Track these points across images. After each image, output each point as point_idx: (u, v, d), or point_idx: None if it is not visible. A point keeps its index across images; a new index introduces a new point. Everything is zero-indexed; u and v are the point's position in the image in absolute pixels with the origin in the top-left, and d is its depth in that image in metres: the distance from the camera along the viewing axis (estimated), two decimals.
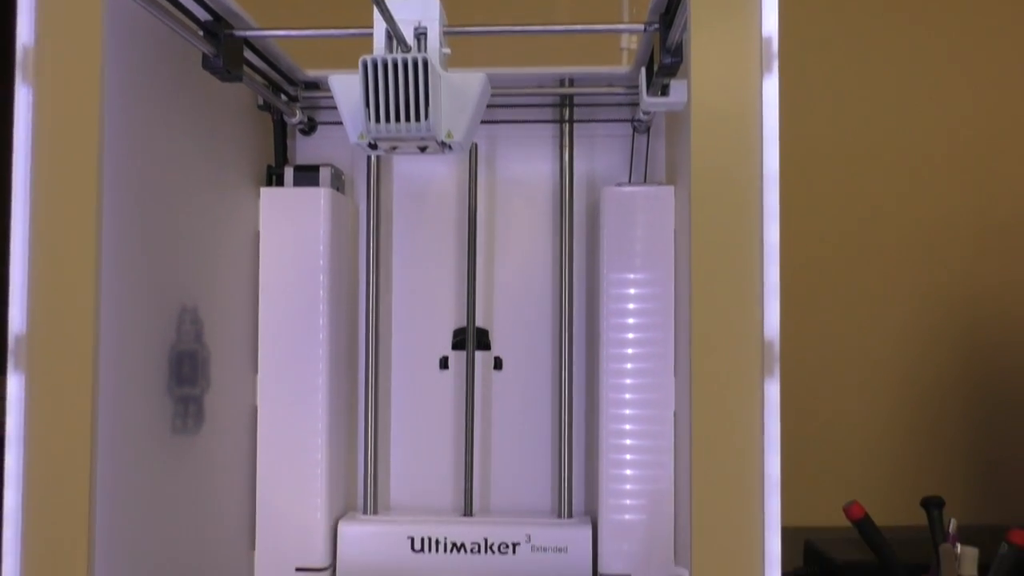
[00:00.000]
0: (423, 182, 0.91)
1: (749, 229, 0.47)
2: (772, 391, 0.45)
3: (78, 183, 0.49)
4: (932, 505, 0.79)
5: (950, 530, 0.77)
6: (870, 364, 1.41)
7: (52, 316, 0.48)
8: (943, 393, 1.42)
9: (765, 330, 0.46)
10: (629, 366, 0.81)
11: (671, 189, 0.81)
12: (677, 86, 0.69)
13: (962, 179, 1.37)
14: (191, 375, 0.68)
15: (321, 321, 0.81)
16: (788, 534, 0.47)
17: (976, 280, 1.40)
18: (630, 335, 0.81)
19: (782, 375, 0.46)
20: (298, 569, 0.81)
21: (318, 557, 0.81)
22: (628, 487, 0.81)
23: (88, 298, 0.48)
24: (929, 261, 1.39)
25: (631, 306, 0.81)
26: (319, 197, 0.82)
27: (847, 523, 0.92)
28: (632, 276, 0.81)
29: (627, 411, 0.81)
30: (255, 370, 0.81)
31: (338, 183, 0.86)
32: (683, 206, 0.78)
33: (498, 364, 0.88)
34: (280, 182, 0.84)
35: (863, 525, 0.79)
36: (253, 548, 0.81)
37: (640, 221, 0.81)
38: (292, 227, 0.82)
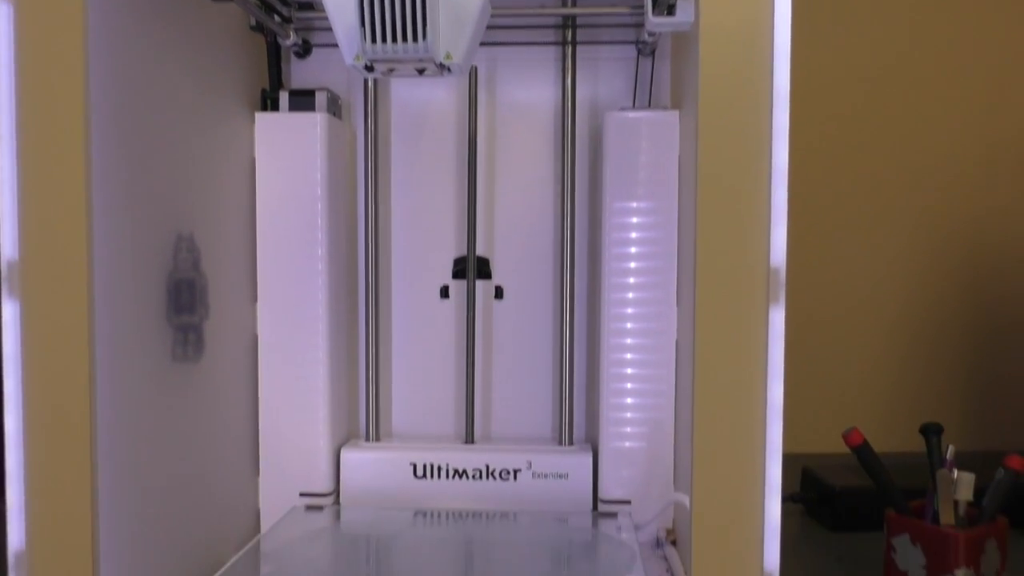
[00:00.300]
0: (421, 107, 0.89)
1: (757, 152, 0.46)
2: (777, 318, 0.45)
3: (65, 106, 0.48)
4: (930, 432, 0.79)
5: (948, 456, 0.77)
6: (870, 291, 1.41)
7: (44, 242, 0.47)
8: (943, 320, 1.43)
9: (772, 256, 0.45)
10: (631, 295, 0.81)
11: (676, 114, 0.79)
12: (684, 5, 0.67)
13: (971, 105, 1.34)
14: (189, 303, 0.67)
15: (320, 250, 0.80)
16: (786, 460, 0.48)
17: (978, 206, 1.39)
18: (632, 264, 0.80)
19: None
20: (302, 494, 0.82)
21: (322, 483, 0.82)
22: (628, 415, 0.82)
23: (80, 223, 0.47)
24: (931, 188, 1.38)
25: (633, 235, 0.80)
26: (315, 122, 0.80)
27: (844, 450, 0.92)
28: (635, 205, 0.80)
29: (628, 340, 0.81)
30: (254, 299, 0.81)
31: (334, 108, 0.84)
32: (688, 131, 0.76)
33: (499, 293, 0.88)
34: (275, 107, 0.82)
35: (862, 451, 0.80)
36: (258, 474, 0.82)
37: (644, 148, 0.80)
38: (288, 153, 0.80)
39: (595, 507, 0.82)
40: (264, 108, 0.83)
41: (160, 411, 0.63)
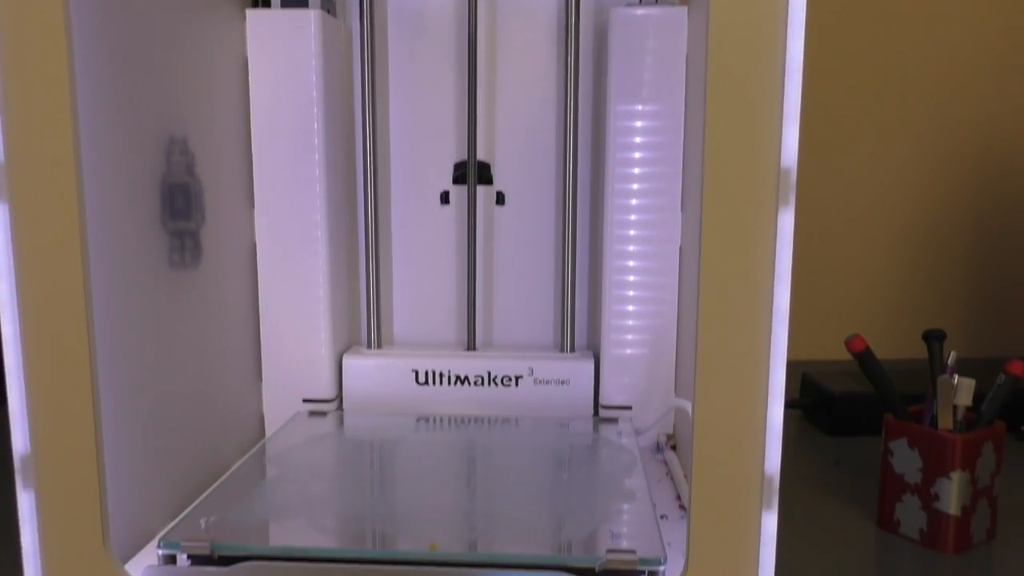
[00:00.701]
0: (419, 4, 0.85)
1: (771, 46, 0.43)
2: (786, 221, 0.44)
3: (47, 1, 0.45)
4: (933, 338, 0.79)
5: (949, 362, 0.77)
6: (876, 198, 1.39)
7: (30, 142, 0.45)
8: (949, 228, 1.41)
9: (783, 157, 0.44)
10: (634, 202, 0.79)
11: (684, 10, 0.76)
12: None
13: (983, 12, 1.30)
14: (185, 209, 0.66)
15: (316, 155, 0.78)
16: (786, 367, 0.47)
17: (987, 115, 1.36)
18: (636, 170, 0.79)
19: None
20: (305, 400, 0.83)
21: (324, 389, 0.82)
22: (630, 323, 0.81)
23: (66, 123, 0.45)
24: (941, 96, 1.34)
25: (638, 140, 0.78)
26: (309, 19, 0.77)
27: (844, 357, 0.93)
28: (640, 108, 0.78)
29: (631, 247, 0.80)
30: (251, 205, 0.79)
31: (329, 4, 0.81)
32: (698, 28, 0.73)
33: (500, 199, 0.86)
34: (267, 3, 0.79)
35: (863, 357, 0.80)
36: (260, 380, 0.83)
37: (650, 47, 0.77)
38: (281, 52, 0.77)
39: (596, 413, 0.83)
40: (255, 4, 0.79)
41: (159, 316, 0.62)
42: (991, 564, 0.74)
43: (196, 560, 0.53)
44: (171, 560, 0.53)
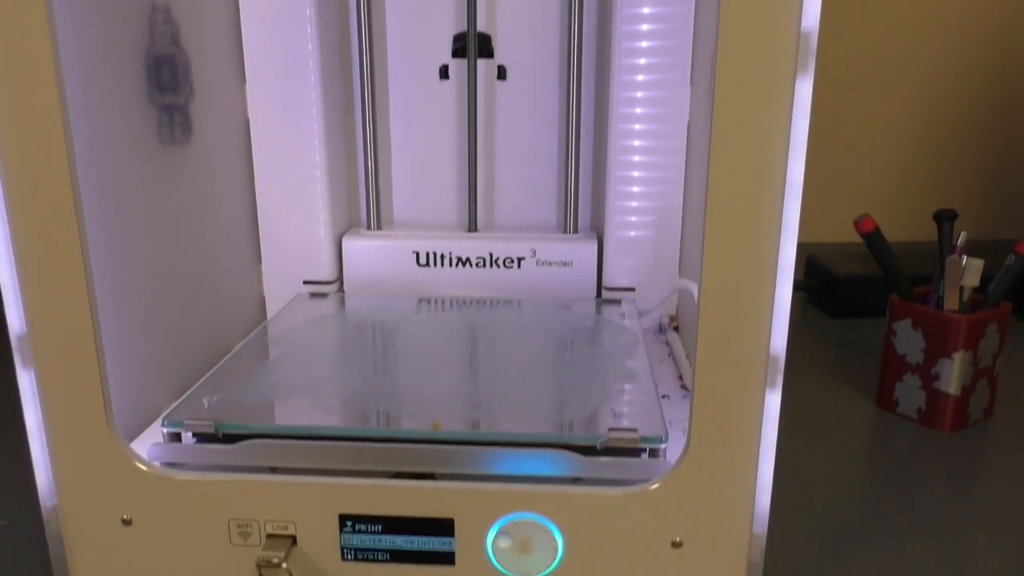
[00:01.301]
0: None
1: None
2: (804, 89, 0.41)
3: None
4: (944, 218, 0.77)
5: (959, 243, 0.76)
6: (889, 74, 1.35)
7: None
8: (964, 106, 1.37)
9: (803, 19, 0.41)
10: (641, 78, 0.76)
11: None
12: None
13: None
14: (172, 81, 0.63)
15: (308, 28, 0.75)
16: None
17: None
18: (644, 44, 0.75)
19: None
20: (306, 282, 0.82)
21: (324, 271, 0.82)
22: (635, 204, 0.80)
23: None
24: None
25: (646, 10, 0.74)
26: None
27: (850, 240, 0.91)
28: None
29: (637, 125, 0.77)
30: (243, 79, 0.76)
31: None
32: None
33: (502, 73, 0.82)
34: None
35: (872, 238, 0.78)
36: (260, 262, 0.82)
37: None
38: None
39: (599, 295, 0.82)
40: None
41: (151, 196, 0.61)
42: (985, 442, 0.75)
43: (201, 438, 0.53)
44: (176, 438, 0.53)
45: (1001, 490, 0.67)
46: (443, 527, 0.49)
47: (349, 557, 0.50)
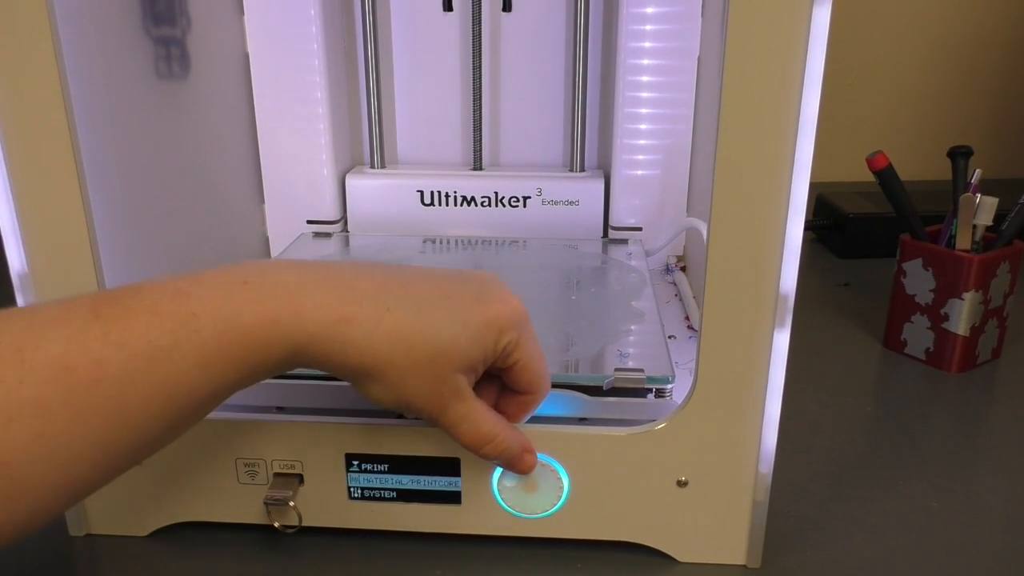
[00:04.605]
0: None
1: None
2: (821, 17, 0.40)
3: None
4: (959, 154, 0.75)
5: (973, 180, 0.75)
6: (909, 4, 1.31)
7: None
8: (980, 43, 1.33)
9: None
10: (650, 10, 0.74)
11: None
12: None
13: None
14: (167, 14, 0.61)
15: None
16: None
17: None
18: None
19: None
20: (309, 222, 0.81)
21: (328, 210, 0.81)
22: (643, 142, 0.78)
23: None
24: None
25: None
26: None
27: (861, 179, 0.90)
28: None
29: (646, 61, 0.75)
30: (241, 11, 0.74)
31: None
32: None
33: (507, 5, 0.79)
34: None
35: (885, 175, 0.77)
36: (263, 202, 0.81)
37: None
38: None
39: (605, 235, 0.81)
40: None
41: (150, 132, 0.60)
42: (992, 382, 0.75)
43: None
44: None
45: (1006, 430, 0.67)
46: (449, 466, 0.50)
47: (356, 496, 0.51)
